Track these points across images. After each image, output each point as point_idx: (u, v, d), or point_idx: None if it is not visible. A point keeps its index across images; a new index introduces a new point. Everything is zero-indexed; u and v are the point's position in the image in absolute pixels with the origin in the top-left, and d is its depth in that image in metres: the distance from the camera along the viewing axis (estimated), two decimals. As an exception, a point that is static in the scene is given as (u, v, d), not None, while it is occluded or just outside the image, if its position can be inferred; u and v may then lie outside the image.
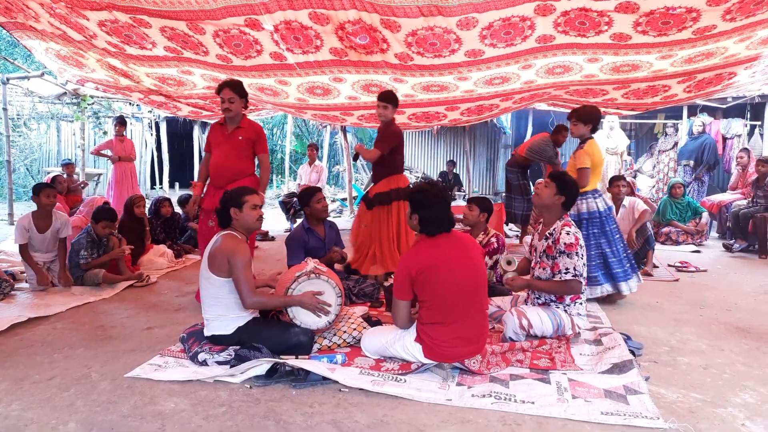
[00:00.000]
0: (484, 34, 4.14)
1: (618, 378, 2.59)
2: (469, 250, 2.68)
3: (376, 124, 8.25)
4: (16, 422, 2.19)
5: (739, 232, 6.80)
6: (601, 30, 4.07)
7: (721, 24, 3.90)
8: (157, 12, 3.92)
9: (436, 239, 2.66)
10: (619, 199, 5.58)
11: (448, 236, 2.67)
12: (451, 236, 2.68)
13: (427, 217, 2.64)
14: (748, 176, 7.68)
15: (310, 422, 2.21)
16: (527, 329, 3.03)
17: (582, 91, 6.18)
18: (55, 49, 5.03)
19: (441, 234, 2.66)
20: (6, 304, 3.95)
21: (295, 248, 4.00)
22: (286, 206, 8.21)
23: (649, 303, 4.17)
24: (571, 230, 3.09)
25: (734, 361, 2.94)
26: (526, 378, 2.62)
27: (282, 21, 4.04)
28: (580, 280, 3.05)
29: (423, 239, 2.70)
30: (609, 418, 2.22)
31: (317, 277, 2.95)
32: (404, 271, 2.61)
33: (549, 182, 3.22)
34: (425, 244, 2.67)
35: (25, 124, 13.49)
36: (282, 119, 18.30)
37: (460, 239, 2.72)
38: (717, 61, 4.84)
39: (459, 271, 2.57)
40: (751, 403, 2.42)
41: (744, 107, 10.07)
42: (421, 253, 2.64)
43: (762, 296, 4.47)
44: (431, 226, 2.65)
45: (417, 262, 2.59)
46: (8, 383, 2.56)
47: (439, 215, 2.64)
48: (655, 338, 3.30)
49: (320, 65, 4.98)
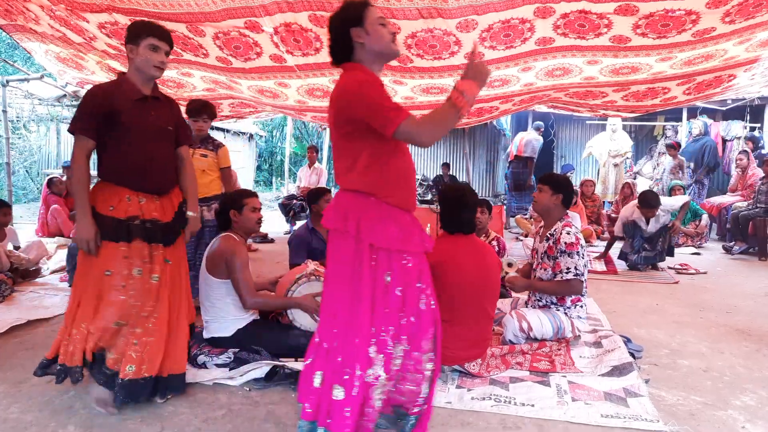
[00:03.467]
0: (483, 36, 4.14)
1: (618, 380, 2.58)
2: (485, 257, 2.77)
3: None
4: (15, 425, 2.19)
5: (739, 235, 6.80)
6: (601, 32, 4.08)
7: (721, 26, 3.90)
8: (156, 14, 3.92)
9: (455, 238, 2.74)
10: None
11: (467, 239, 2.76)
12: (470, 239, 2.77)
13: (448, 214, 2.75)
14: (747, 178, 7.68)
15: (309, 425, 2.20)
16: (527, 332, 3.03)
17: (582, 93, 6.18)
18: (55, 51, 5.03)
19: (460, 234, 2.74)
20: (6, 306, 3.95)
21: (298, 248, 3.99)
22: (285, 208, 8.20)
23: (649, 305, 4.17)
24: (571, 230, 3.09)
25: (734, 363, 2.94)
26: (526, 380, 2.61)
27: (282, 23, 4.04)
28: (581, 279, 3.05)
29: (443, 236, 2.80)
30: (609, 420, 2.22)
31: (317, 279, 2.95)
32: None
33: (541, 186, 3.24)
34: (443, 240, 2.77)
35: (24, 126, 13.49)
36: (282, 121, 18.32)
37: (478, 245, 2.82)
38: (716, 64, 4.84)
39: (470, 272, 2.63)
40: (752, 406, 2.41)
41: (743, 109, 10.08)
42: (437, 248, 2.66)
43: (762, 298, 4.47)
44: (449, 224, 2.76)
45: (430, 256, 2.61)
46: (7, 386, 2.55)
47: (458, 215, 2.73)
48: (655, 341, 3.30)
49: (320, 67, 4.98)
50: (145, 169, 2.33)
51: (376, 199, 1.89)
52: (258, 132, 18.48)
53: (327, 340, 1.89)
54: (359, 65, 1.94)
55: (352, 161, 1.89)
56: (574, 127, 13.98)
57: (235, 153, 13.28)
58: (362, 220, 1.86)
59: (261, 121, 17.66)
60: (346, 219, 1.87)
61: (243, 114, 7.78)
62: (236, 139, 16.47)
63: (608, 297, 4.39)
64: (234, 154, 12.80)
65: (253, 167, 18.35)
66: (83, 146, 2.27)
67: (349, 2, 1.97)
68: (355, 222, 1.86)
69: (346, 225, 1.86)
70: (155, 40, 2.33)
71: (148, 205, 2.33)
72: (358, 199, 1.89)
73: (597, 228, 7.95)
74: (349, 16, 1.94)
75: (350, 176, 1.90)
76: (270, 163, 20.57)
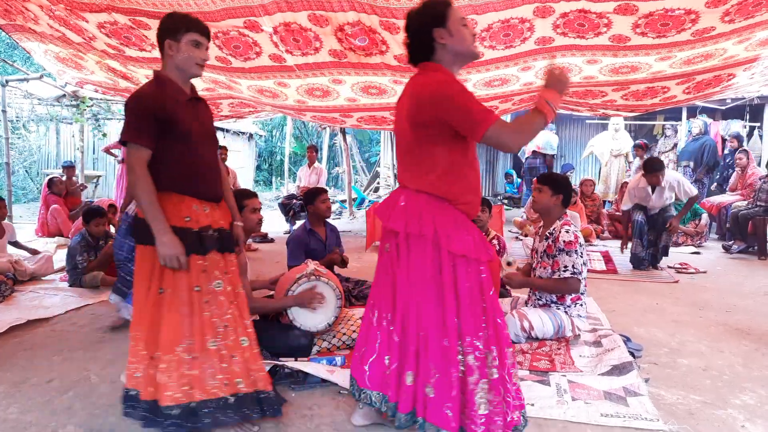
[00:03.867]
0: (483, 35, 4.14)
1: (618, 380, 2.59)
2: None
3: (376, 126, 8.28)
4: (14, 425, 2.19)
5: (738, 234, 6.80)
6: (600, 32, 4.08)
7: (720, 26, 3.90)
8: (155, 14, 3.92)
9: None
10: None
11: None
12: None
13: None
14: (747, 177, 7.68)
15: (309, 425, 2.20)
16: (528, 331, 3.04)
17: (581, 93, 6.18)
18: (55, 51, 5.03)
19: None
20: (5, 306, 3.95)
21: (296, 248, 3.99)
22: (285, 208, 8.20)
23: (649, 304, 4.17)
24: (570, 229, 3.09)
25: (734, 362, 2.94)
26: (526, 380, 2.61)
27: (281, 23, 4.04)
28: (579, 278, 3.05)
29: None
30: (609, 419, 2.22)
31: (317, 279, 2.95)
32: None
33: (541, 187, 3.22)
34: None
35: (24, 126, 13.49)
36: (281, 121, 18.32)
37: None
38: (716, 63, 4.84)
39: None
40: (751, 405, 2.42)
41: (743, 108, 10.09)
42: None
43: (761, 298, 4.47)
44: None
45: None
46: (7, 386, 2.55)
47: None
48: (655, 340, 3.30)
49: (319, 67, 4.98)
50: (206, 175, 2.16)
51: (450, 205, 1.91)
52: (258, 132, 18.50)
53: (412, 342, 1.92)
54: (440, 66, 1.94)
55: (431, 164, 1.89)
56: (574, 126, 13.99)
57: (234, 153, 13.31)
58: (439, 225, 1.87)
59: (260, 121, 17.66)
60: (421, 222, 1.88)
61: (242, 114, 7.79)
62: (236, 139, 16.48)
63: (608, 296, 4.39)
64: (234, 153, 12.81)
65: (253, 167, 18.37)
66: (141, 156, 2.01)
67: (431, 1, 1.96)
68: (431, 226, 1.87)
69: (421, 228, 1.87)
70: (197, 36, 2.13)
71: (212, 214, 2.17)
72: (434, 204, 1.90)
73: (597, 227, 7.95)
74: (432, 15, 1.93)
75: (428, 179, 1.90)
76: (270, 162, 20.59)
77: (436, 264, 1.88)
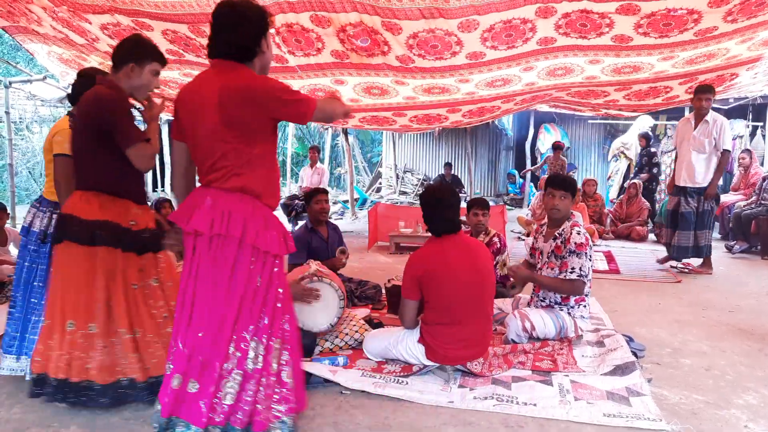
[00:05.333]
0: (485, 36, 4.14)
1: (620, 380, 2.58)
2: (477, 255, 2.69)
3: (378, 127, 8.29)
4: (18, 425, 2.20)
5: (741, 234, 6.78)
6: (603, 32, 4.08)
7: (723, 25, 3.90)
8: (158, 15, 3.93)
9: (442, 241, 2.66)
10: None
11: (455, 238, 2.66)
12: (457, 238, 2.67)
13: (429, 215, 2.68)
14: (749, 177, 7.65)
15: (311, 425, 2.21)
16: (530, 331, 3.03)
17: (583, 93, 6.18)
18: (58, 52, 5.04)
19: (447, 235, 2.66)
20: (5, 306, 3.95)
21: (298, 248, 3.99)
22: (287, 208, 8.21)
23: (652, 304, 4.17)
24: (581, 231, 3.09)
25: (736, 362, 2.93)
26: (528, 380, 2.61)
27: (283, 24, 4.05)
28: (584, 281, 3.05)
29: (431, 240, 2.73)
30: (611, 420, 2.22)
31: (320, 279, 2.95)
32: (411, 271, 2.63)
33: (564, 194, 3.15)
34: (432, 244, 2.70)
35: (27, 127, 13.53)
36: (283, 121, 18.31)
37: (467, 243, 2.74)
38: (718, 63, 4.84)
39: (463, 274, 2.57)
40: (754, 405, 2.41)
41: (746, 108, 10.06)
42: (427, 254, 2.66)
43: (764, 297, 4.46)
44: (433, 224, 2.69)
45: (422, 264, 2.62)
46: (10, 387, 2.56)
47: (439, 215, 2.65)
48: (658, 340, 3.30)
49: (322, 68, 4.99)
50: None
51: (260, 202, 1.93)
52: (260, 132, 18.46)
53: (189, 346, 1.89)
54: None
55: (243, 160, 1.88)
56: (576, 126, 13.96)
57: (237, 153, 13.30)
58: (249, 223, 1.86)
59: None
60: (229, 222, 1.85)
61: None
62: (238, 140, 16.45)
63: (610, 296, 4.38)
64: (236, 154, 12.73)
65: (255, 167, 18.33)
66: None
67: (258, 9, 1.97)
68: (240, 225, 1.85)
69: (229, 229, 1.84)
70: (159, 66, 2.36)
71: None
72: (245, 201, 1.89)
73: (599, 227, 7.95)
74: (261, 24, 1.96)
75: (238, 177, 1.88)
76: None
77: (234, 262, 1.87)
